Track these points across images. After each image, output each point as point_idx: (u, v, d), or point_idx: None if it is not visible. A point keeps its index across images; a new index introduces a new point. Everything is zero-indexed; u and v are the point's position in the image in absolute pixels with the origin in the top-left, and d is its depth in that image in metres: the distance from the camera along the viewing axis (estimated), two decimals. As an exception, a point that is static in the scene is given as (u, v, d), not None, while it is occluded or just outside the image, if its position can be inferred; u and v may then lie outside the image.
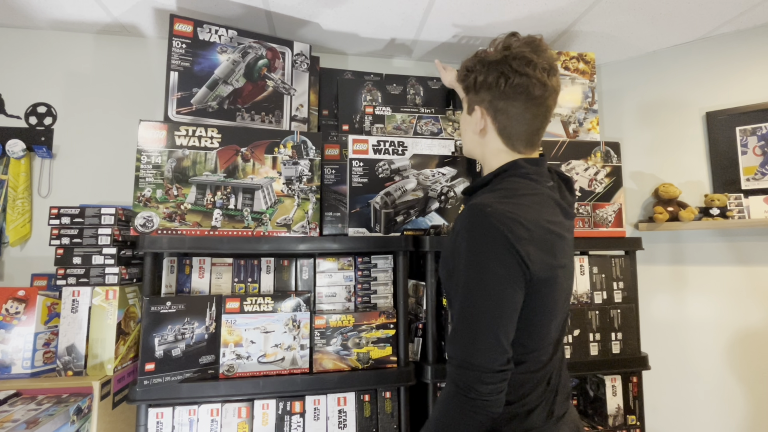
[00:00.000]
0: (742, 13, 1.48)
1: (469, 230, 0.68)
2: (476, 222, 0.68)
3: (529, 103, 0.76)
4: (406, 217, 1.34)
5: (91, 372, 1.16)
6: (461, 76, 0.82)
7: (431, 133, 1.25)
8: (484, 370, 0.65)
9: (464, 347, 0.66)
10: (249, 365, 1.18)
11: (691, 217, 1.55)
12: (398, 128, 1.18)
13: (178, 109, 1.27)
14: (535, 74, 0.74)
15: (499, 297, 0.66)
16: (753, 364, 1.56)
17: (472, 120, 0.81)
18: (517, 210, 0.69)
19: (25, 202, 1.43)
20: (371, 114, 1.22)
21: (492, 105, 0.78)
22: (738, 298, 1.59)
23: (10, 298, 1.16)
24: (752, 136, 1.58)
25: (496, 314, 0.66)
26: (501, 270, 0.66)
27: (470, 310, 0.67)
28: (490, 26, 1.52)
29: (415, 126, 1.22)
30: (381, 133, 1.24)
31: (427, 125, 1.23)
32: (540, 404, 0.74)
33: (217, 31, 1.34)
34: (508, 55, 0.76)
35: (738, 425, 1.57)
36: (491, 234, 0.66)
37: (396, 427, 1.24)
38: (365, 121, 1.20)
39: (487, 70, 0.77)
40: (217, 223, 1.21)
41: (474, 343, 0.66)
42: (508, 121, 0.78)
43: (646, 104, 1.78)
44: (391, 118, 1.23)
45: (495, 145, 0.81)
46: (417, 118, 1.21)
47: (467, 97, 0.83)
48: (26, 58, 1.51)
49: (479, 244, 0.67)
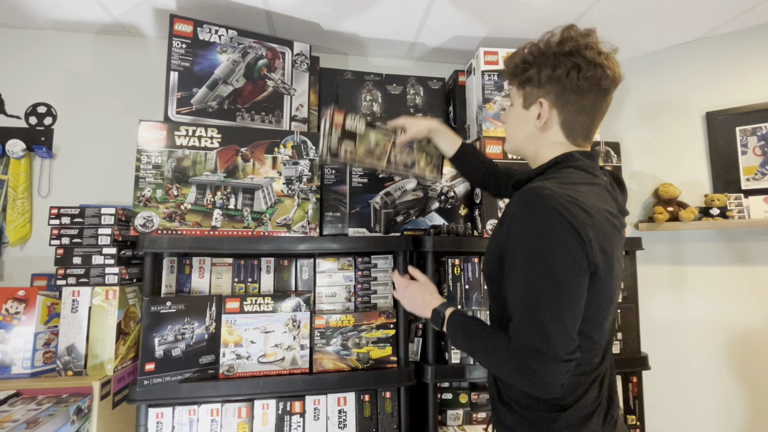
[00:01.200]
0: (742, 13, 1.48)
1: (526, 213, 0.65)
2: (534, 205, 0.64)
3: (599, 95, 0.74)
4: (406, 217, 1.34)
5: (91, 372, 1.16)
6: (517, 70, 0.78)
7: (404, 165, 1.13)
8: (551, 356, 0.62)
9: (530, 335, 0.63)
10: (249, 365, 1.18)
11: (691, 217, 1.55)
12: (370, 152, 1.07)
13: (178, 109, 1.27)
14: (609, 64, 0.72)
15: (565, 282, 0.63)
16: (753, 364, 1.56)
17: (530, 114, 0.78)
18: (576, 195, 0.66)
19: (25, 202, 1.43)
20: (340, 127, 1.04)
21: (560, 98, 0.74)
22: (738, 298, 1.59)
23: (10, 298, 1.16)
24: (752, 136, 1.58)
25: (562, 300, 0.63)
26: (565, 253, 0.62)
27: (535, 296, 0.63)
28: (490, 27, 1.52)
29: (389, 153, 1.09)
30: (350, 156, 1.07)
31: (401, 153, 1.11)
32: (596, 410, 0.71)
33: (217, 31, 1.34)
34: (579, 46, 0.72)
35: (738, 425, 1.57)
36: (552, 216, 0.63)
37: (396, 427, 1.24)
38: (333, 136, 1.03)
39: (555, 61, 0.73)
40: (217, 223, 1.21)
41: (540, 331, 0.62)
42: (576, 114, 0.75)
43: (646, 104, 1.78)
44: (364, 138, 1.07)
45: (554, 139, 0.78)
46: (392, 144, 1.10)
47: (523, 92, 0.79)
48: (26, 58, 1.51)
49: (539, 228, 0.63)
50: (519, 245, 0.66)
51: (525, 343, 0.63)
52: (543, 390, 0.64)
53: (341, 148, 1.04)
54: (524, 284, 0.65)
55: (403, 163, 1.11)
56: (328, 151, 1.02)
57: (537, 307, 0.63)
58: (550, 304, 0.63)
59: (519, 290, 0.66)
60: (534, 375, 0.62)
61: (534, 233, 0.64)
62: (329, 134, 1.02)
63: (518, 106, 0.80)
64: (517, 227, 0.66)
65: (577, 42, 0.73)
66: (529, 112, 0.78)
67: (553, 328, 0.62)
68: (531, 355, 0.63)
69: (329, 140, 1.02)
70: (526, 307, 0.64)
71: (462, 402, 1.37)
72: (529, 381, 0.64)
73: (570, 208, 0.63)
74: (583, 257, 0.63)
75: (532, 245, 0.64)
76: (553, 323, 0.62)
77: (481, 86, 1.46)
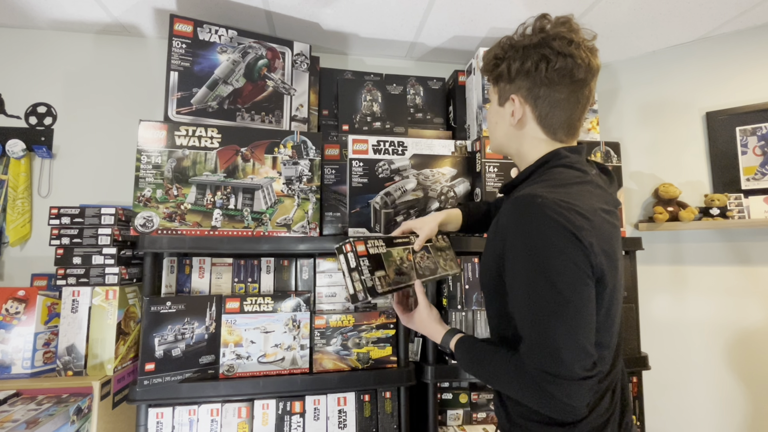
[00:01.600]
0: (742, 13, 1.48)
1: (521, 224, 0.62)
2: (528, 215, 0.61)
3: (573, 86, 0.70)
4: (406, 217, 1.34)
5: (91, 372, 1.16)
6: (489, 66, 0.77)
7: (430, 270, 1.02)
8: (568, 378, 0.58)
9: (542, 357, 0.60)
10: (249, 365, 1.18)
11: (691, 217, 1.55)
12: (400, 271, 0.93)
13: (178, 109, 1.27)
14: (580, 54, 0.69)
15: (571, 295, 0.59)
16: (752, 364, 1.56)
17: (506, 111, 0.75)
18: (570, 198, 0.63)
19: (25, 202, 1.43)
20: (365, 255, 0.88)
21: (531, 93, 0.72)
22: (738, 298, 1.59)
23: (10, 298, 1.16)
24: (752, 136, 1.58)
25: (571, 315, 0.59)
26: (567, 264, 0.59)
27: (541, 315, 0.60)
28: (489, 27, 1.52)
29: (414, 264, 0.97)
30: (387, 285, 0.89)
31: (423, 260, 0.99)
32: (610, 418, 0.68)
33: (217, 31, 1.34)
34: (547, 37, 0.69)
35: (738, 425, 1.57)
36: (548, 226, 0.59)
37: (396, 427, 1.23)
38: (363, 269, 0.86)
39: (523, 55, 0.71)
40: (217, 223, 1.21)
41: (552, 352, 0.59)
42: (550, 108, 0.71)
43: (646, 104, 1.78)
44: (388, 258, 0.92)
45: (534, 135, 0.74)
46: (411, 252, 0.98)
47: (497, 88, 0.78)
48: (26, 58, 1.51)
49: (536, 239, 0.60)
50: (517, 260, 0.63)
51: (538, 366, 0.60)
52: (567, 414, 0.60)
53: (376, 280, 0.87)
54: (528, 302, 0.62)
55: (429, 269, 1.01)
56: (366, 291, 0.83)
57: (545, 326, 0.59)
58: (559, 321, 0.59)
59: (523, 309, 0.63)
60: (554, 400, 0.59)
61: (531, 246, 0.61)
62: (358, 269, 0.85)
63: (494, 104, 0.78)
64: (513, 240, 0.64)
65: (546, 33, 0.70)
66: (504, 110, 0.76)
67: (565, 347, 0.58)
68: (547, 379, 0.59)
69: (361, 276, 0.84)
70: (533, 328, 0.61)
71: (462, 402, 1.37)
72: (550, 406, 0.60)
73: (566, 214, 0.60)
74: (586, 265, 0.60)
75: (531, 259, 0.61)
76: (565, 341, 0.58)
77: (481, 86, 1.46)
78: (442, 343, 0.84)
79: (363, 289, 0.84)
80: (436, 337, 0.87)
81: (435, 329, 0.87)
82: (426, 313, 0.90)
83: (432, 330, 0.88)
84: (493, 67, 0.76)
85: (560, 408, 0.60)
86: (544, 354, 0.60)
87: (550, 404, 0.60)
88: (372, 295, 0.83)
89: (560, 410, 0.60)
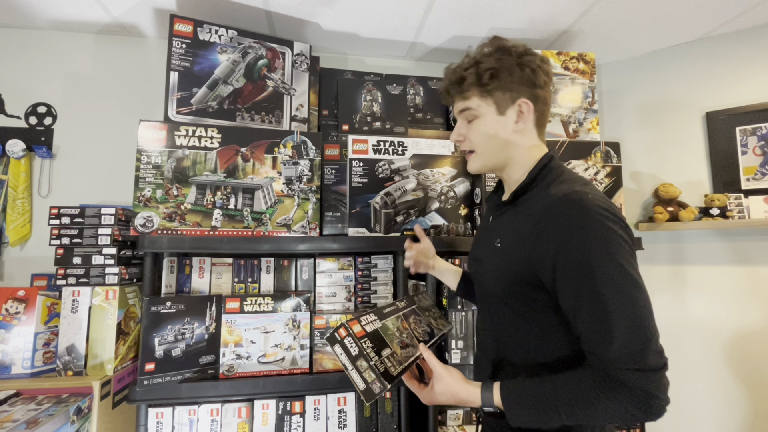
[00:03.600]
0: (742, 13, 1.48)
1: (581, 223, 0.62)
2: (586, 212, 0.62)
3: (549, 86, 0.79)
4: (406, 217, 1.34)
5: (91, 372, 1.16)
6: (486, 78, 0.75)
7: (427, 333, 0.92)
8: (660, 367, 0.58)
9: (631, 347, 0.58)
10: (249, 365, 1.18)
11: (691, 217, 1.55)
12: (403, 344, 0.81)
13: (178, 109, 1.27)
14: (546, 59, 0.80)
15: (641, 282, 0.61)
16: (753, 364, 1.56)
17: (508, 119, 0.76)
18: (602, 194, 0.68)
19: (25, 202, 1.43)
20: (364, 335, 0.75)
21: (532, 95, 0.76)
22: (738, 298, 1.59)
23: (10, 298, 1.16)
24: (752, 136, 1.58)
25: (647, 298, 0.60)
26: (630, 253, 0.61)
27: (624, 302, 0.59)
28: (489, 27, 1.52)
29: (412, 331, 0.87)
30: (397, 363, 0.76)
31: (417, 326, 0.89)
32: None
33: (217, 31, 1.34)
34: (525, 49, 0.77)
35: (738, 425, 1.57)
36: (607, 218, 0.62)
37: (396, 427, 1.23)
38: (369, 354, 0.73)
39: (519, 62, 0.75)
40: (217, 223, 1.21)
41: (642, 339, 0.58)
42: (544, 107, 0.78)
43: (646, 104, 1.78)
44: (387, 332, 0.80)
45: (530, 140, 0.78)
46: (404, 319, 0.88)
47: (492, 98, 0.76)
48: (26, 58, 1.51)
49: (603, 234, 0.61)
50: (584, 258, 0.61)
51: (632, 366, 0.58)
52: (660, 411, 0.58)
53: (386, 361, 0.73)
54: (607, 298, 0.59)
55: (426, 333, 0.90)
56: (380, 379, 0.70)
57: (632, 317, 0.58)
58: (642, 308, 0.59)
59: (598, 308, 0.60)
60: (656, 401, 0.57)
61: (599, 240, 0.61)
62: (363, 355, 0.72)
63: (490, 115, 0.77)
64: (575, 239, 0.62)
65: (517, 46, 0.77)
66: (506, 118, 0.76)
67: (653, 337, 0.58)
68: (645, 378, 0.57)
69: (369, 362, 0.71)
70: (620, 323, 0.58)
71: (368, 380, 1.36)
72: (653, 410, 0.58)
73: (612, 208, 0.64)
74: (635, 257, 0.64)
75: (601, 253, 0.60)
76: (651, 329, 0.58)
77: (481, 86, 1.46)
78: (484, 402, 0.69)
79: (377, 377, 0.70)
80: (472, 399, 0.71)
81: (466, 391, 0.71)
82: (448, 378, 0.73)
83: (463, 394, 0.72)
84: (490, 78, 0.75)
85: (658, 407, 0.58)
86: (635, 348, 0.58)
87: (650, 408, 0.58)
88: (389, 381, 0.70)
89: (658, 409, 0.58)
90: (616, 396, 0.59)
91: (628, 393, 0.58)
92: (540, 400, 0.63)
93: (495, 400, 0.68)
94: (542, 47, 1.67)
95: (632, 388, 0.58)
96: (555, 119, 1.50)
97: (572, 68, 1.53)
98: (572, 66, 1.53)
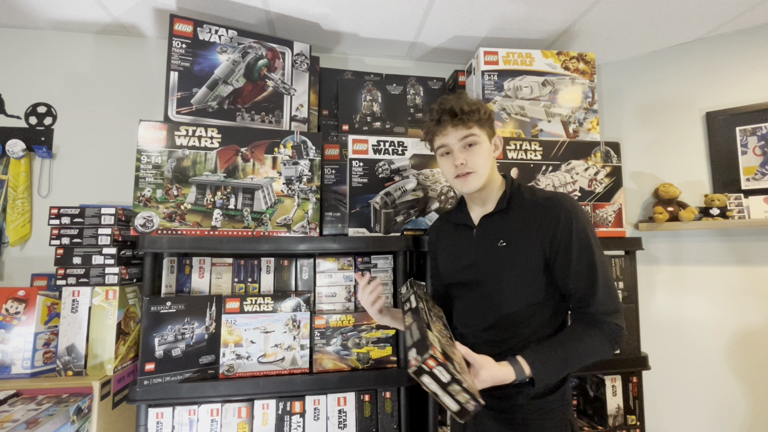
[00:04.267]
0: (742, 13, 1.48)
1: (578, 213, 0.89)
2: (575, 205, 0.91)
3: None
4: (406, 217, 1.34)
5: (91, 372, 1.16)
6: (484, 116, 0.96)
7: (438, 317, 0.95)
8: (620, 310, 0.86)
9: (615, 297, 0.86)
10: (249, 365, 1.18)
11: (691, 217, 1.55)
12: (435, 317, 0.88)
13: (178, 109, 1.27)
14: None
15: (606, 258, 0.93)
16: (753, 364, 1.56)
17: (491, 147, 0.99)
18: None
19: (25, 202, 1.43)
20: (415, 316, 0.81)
21: (493, 128, 1.00)
22: (738, 298, 1.59)
23: (10, 298, 1.16)
24: (752, 136, 1.58)
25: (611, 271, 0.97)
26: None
27: (605, 267, 0.87)
28: (489, 27, 1.52)
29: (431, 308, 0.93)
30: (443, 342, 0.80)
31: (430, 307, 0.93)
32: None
33: (217, 31, 1.34)
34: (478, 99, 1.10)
35: (738, 425, 1.57)
36: (585, 212, 0.95)
37: (396, 427, 1.23)
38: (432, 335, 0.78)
39: (491, 114, 0.99)
40: (217, 223, 1.21)
41: (615, 293, 0.87)
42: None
43: (646, 104, 1.78)
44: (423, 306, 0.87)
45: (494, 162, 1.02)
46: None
47: (483, 130, 0.96)
48: (26, 58, 1.51)
49: (588, 221, 0.90)
50: (585, 237, 0.87)
51: (608, 310, 0.85)
52: (623, 340, 0.86)
53: (469, 381, 0.75)
54: (596, 259, 0.86)
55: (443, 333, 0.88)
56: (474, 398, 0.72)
57: (608, 280, 0.87)
58: (611, 274, 0.90)
59: (590, 271, 0.86)
60: (621, 330, 0.85)
61: (589, 225, 0.89)
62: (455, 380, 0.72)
63: (485, 144, 0.96)
64: (574, 223, 0.88)
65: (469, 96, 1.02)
66: (491, 146, 0.99)
67: (617, 292, 0.89)
68: (617, 318, 0.85)
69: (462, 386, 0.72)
70: (603, 276, 0.86)
71: (462, 402, 1.37)
72: (617, 338, 0.85)
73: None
74: None
75: (592, 235, 0.89)
76: (616, 288, 0.91)
77: (481, 86, 1.46)
78: (518, 376, 0.79)
79: (471, 397, 0.71)
80: (508, 376, 0.80)
81: (502, 372, 0.80)
82: (489, 365, 0.80)
83: (500, 374, 0.80)
84: (487, 117, 0.97)
85: (624, 335, 0.86)
86: (613, 299, 0.86)
87: (620, 335, 0.85)
88: (479, 397, 0.72)
89: (623, 337, 0.86)
90: (600, 329, 0.85)
91: (607, 327, 0.85)
92: (558, 358, 0.83)
93: (526, 371, 0.81)
94: (542, 47, 1.67)
95: (610, 323, 0.85)
96: (555, 119, 1.50)
97: (572, 68, 1.53)
98: (572, 66, 1.53)
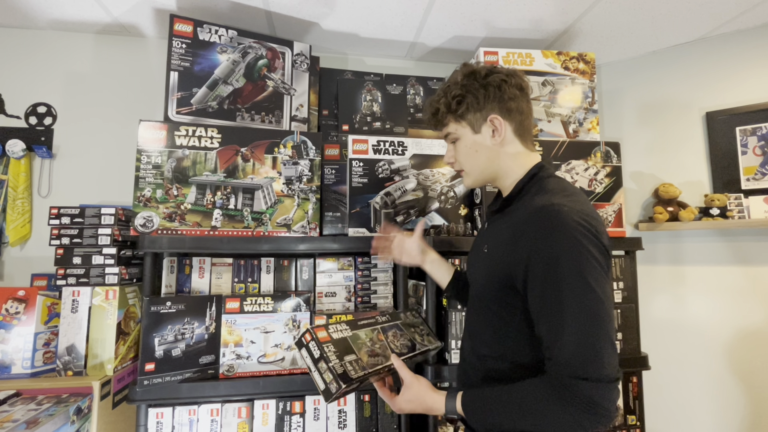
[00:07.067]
0: (742, 13, 1.48)
1: (551, 234, 0.65)
2: (558, 224, 0.65)
3: (525, 97, 0.83)
4: (406, 217, 1.34)
5: (91, 372, 1.16)
6: (453, 105, 0.82)
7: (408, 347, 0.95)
8: (609, 380, 0.59)
9: (582, 357, 0.60)
10: (249, 365, 1.18)
11: (691, 217, 1.55)
12: (373, 353, 0.88)
13: (178, 109, 1.27)
14: (515, 72, 0.83)
15: (605, 296, 0.62)
16: (753, 364, 1.56)
17: (484, 136, 0.82)
18: (582, 206, 0.68)
19: (25, 202, 1.43)
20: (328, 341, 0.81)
21: (503, 109, 0.81)
22: (738, 298, 1.59)
23: (10, 298, 1.16)
24: (752, 136, 1.58)
25: (608, 315, 0.62)
26: (598, 268, 0.63)
27: (582, 314, 0.61)
28: (489, 27, 1.52)
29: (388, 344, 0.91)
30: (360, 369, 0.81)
31: (396, 339, 0.94)
32: None
33: (217, 31, 1.34)
34: (490, 68, 0.82)
35: (738, 425, 1.57)
36: (578, 232, 0.64)
37: (396, 427, 1.23)
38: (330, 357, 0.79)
39: (484, 83, 0.81)
40: (217, 223, 1.21)
41: (594, 351, 0.60)
42: (521, 116, 0.82)
43: (646, 104, 1.78)
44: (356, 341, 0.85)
45: (514, 149, 0.82)
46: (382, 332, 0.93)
47: (464, 122, 0.83)
48: (26, 58, 1.51)
49: (570, 246, 0.63)
50: (551, 268, 0.64)
51: (579, 374, 0.60)
52: (608, 421, 0.60)
53: (347, 365, 0.78)
54: (566, 308, 0.62)
55: (406, 347, 0.94)
56: (336, 379, 0.75)
57: (588, 330, 0.61)
58: (598, 322, 0.61)
59: (557, 316, 0.63)
60: (599, 409, 0.59)
61: (567, 253, 0.63)
62: (323, 357, 0.77)
63: (468, 136, 0.83)
64: (544, 249, 0.65)
65: (481, 69, 0.82)
66: (482, 135, 0.82)
67: (604, 349, 0.60)
68: (590, 387, 0.59)
69: (329, 364, 0.76)
70: (573, 324, 0.61)
71: (327, 380, 1.36)
72: (596, 417, 0.60)
73: (588, 221, 0.65)
74: (607, 267, 0.66)
75: (568, 265, 0.63)
76: (605, 343, 0.60)
77: (481, 86, 1.45)
78: (447, 409, 0.74)
79: (334, 378, 0.74)
80: (437, 406, 0.76)
81: (432, 399, 0.77)
82: (417, 386, 0.78)
83: (429, 401, 0.77)
84: (458, 104, 0.82)
85: (605, 416, 0.60)
86: (586, 359, 0.60)
87: (596, 415, 0.60)
88: (345, 382, 0.74)
89: (604, 418, 0.60)
90: (564, 402, 0.61)
91: (575, 400, 0.60)
92: (495, 407, 0.68)
93: (457, 408, 0.72)
94: (542, 47, 1.67)
95: (579, 395, 0.60)
96: (555, 119, 1.50)
97: (572, 68, 1.53)
98: (572, 66, 1.53)
